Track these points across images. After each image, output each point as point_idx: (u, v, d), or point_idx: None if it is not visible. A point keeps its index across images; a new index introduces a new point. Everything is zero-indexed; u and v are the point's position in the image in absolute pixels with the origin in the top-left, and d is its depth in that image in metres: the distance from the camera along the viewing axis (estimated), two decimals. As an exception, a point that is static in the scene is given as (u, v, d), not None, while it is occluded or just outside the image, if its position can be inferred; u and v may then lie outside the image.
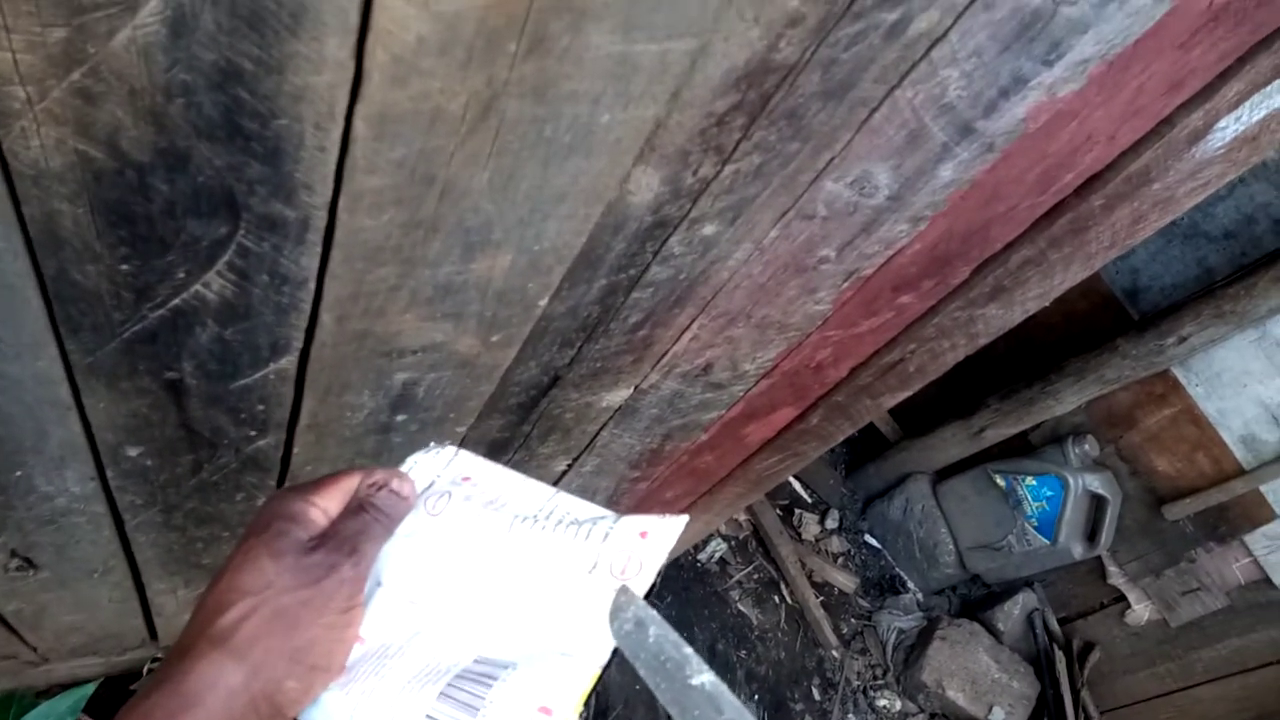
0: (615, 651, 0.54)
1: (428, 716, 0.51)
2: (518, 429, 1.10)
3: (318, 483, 0.58)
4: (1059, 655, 3.19)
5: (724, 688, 0.52)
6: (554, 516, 0.60)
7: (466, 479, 0.64)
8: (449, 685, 0.52)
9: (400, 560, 0.59)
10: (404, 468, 0.63)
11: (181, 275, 0.61)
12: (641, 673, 0.53)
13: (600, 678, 0.52)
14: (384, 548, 0.58)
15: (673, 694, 0.52)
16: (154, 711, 0.46)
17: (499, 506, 0.61)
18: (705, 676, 0.52)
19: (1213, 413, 2.78)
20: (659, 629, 0.54)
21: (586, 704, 2.36)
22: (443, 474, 0.64)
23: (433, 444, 0.66)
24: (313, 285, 0.66)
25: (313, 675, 0.51)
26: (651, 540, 0.57)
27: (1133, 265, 2.89)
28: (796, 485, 3.58)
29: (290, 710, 0.50)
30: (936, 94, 0.69)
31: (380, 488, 0.59)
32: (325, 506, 0.57)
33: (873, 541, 3.62)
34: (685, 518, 0.58)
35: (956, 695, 3.02)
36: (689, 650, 0.53)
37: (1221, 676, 2.96)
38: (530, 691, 0.51)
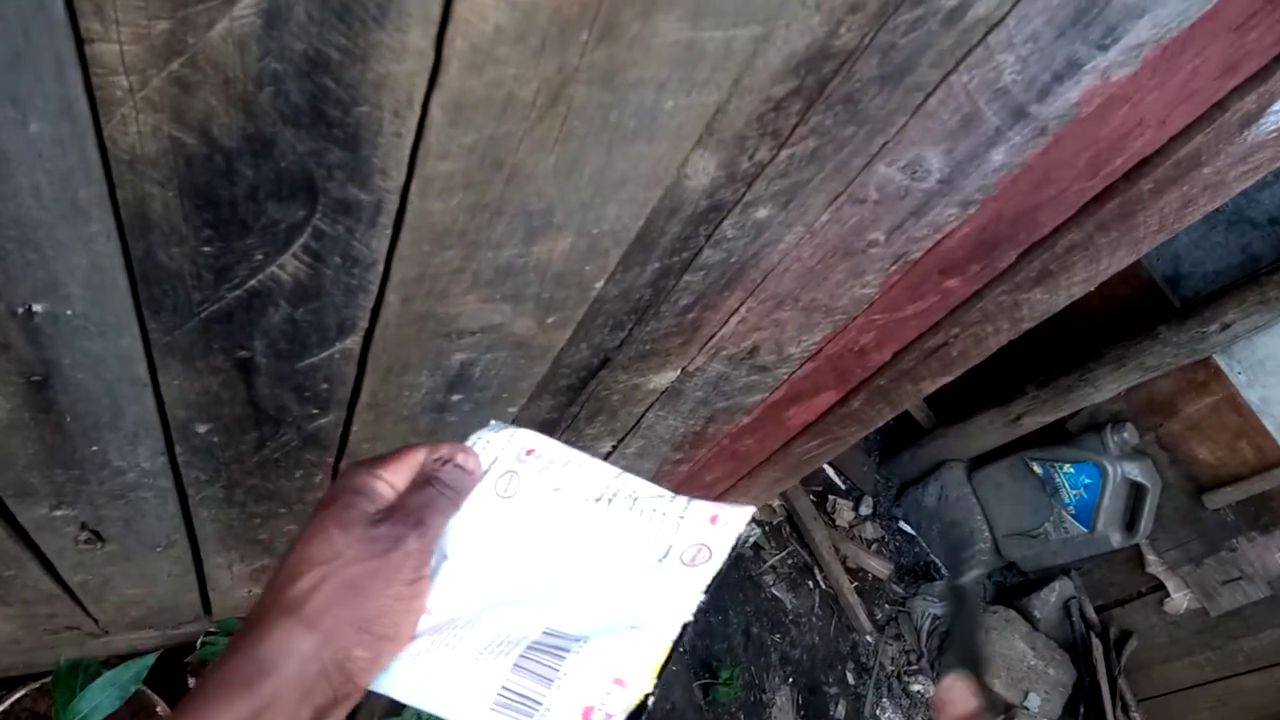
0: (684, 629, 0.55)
1: (503, 688, 0.51)
2: (566, 410, 1.12)
3: (385, 458, 0.60)
4: (1096, 643, 3.17)
5: None
6: (620, 498, 0.62)
7: (531, 452, 0.65)
8: (522, 657, 0.53)
9: (467, 535, 0.60)
10: (469, 443, 0.65)
11: (259, 257, 0.64)
12: None
13: (670, 653, 0.53)
14: (450, 522, 0.59)
15: None
16: (231, 677, 0.48)
17: (565, 485, 0.63)
18: None
19: (1255, 400, 2.74)
20: None
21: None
22: (506, 449, 0.65)
23: (493, 422, 0.68)
24: (381, 267, 0.69)
25: (380, 644, 0.52)
26: (720, 527, 0.59)
27: (1174, 251, 2.85)
28: (830, 472, 3.59)
29: (361, 679, 0.52)
30: (991, 78, 0.69)
31: (446, 462, 0.61)
32: (392, 480, 0.58)
33: (907, 528, 3.62)
34: (752, 508, 0.60)
35: (992, 681, 3.02)
36: None
37: (1263, 666, 2.93)
38: (604, 663, 0.52)
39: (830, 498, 3.51)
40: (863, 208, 0.84)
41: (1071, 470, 3.01)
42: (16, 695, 1.50)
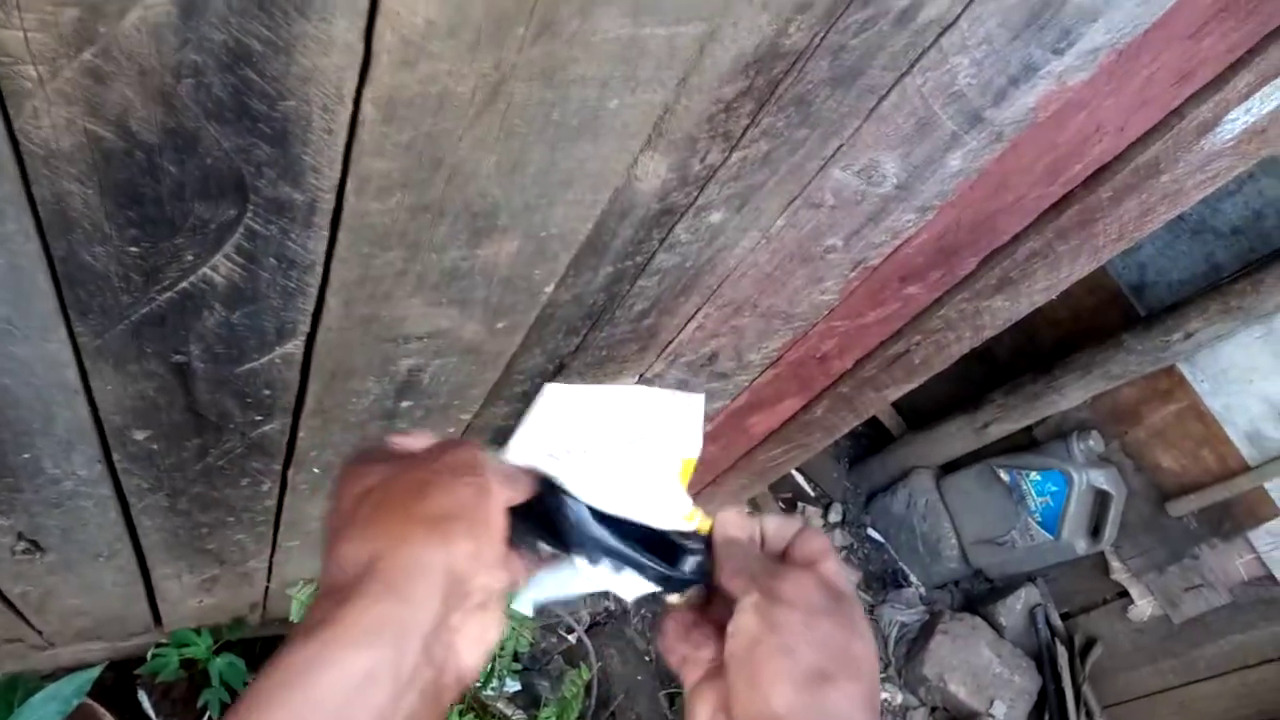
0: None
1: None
2: (522, 417, 1.10)
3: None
4: (1061, 650, 3.18)
5: None
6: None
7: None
8: None
9: None
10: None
11: (190, 258, 0.62)
12: None
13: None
14: None
15: None
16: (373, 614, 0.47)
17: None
18: None
19: (1218, 409, 2.77)
20: None
21: (588, 692, 2.35)
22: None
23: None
24: (319, 269, 0.66)
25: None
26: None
27: (1140, 260, 2.87)
28: (799, 478, 3.58)
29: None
30: (946, 82, 0.68)
31: None
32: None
33: (875, 535, 3.62)
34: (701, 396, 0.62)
35: (958, 689, 3.02)
36: None
37: (1223, 673, 2.95)
38: None
39: (799, 505, 3.50)
40: (819, 212, 0.83)
41: (1038, 478, 3.02)
42: (-44, 710, 1.45)
